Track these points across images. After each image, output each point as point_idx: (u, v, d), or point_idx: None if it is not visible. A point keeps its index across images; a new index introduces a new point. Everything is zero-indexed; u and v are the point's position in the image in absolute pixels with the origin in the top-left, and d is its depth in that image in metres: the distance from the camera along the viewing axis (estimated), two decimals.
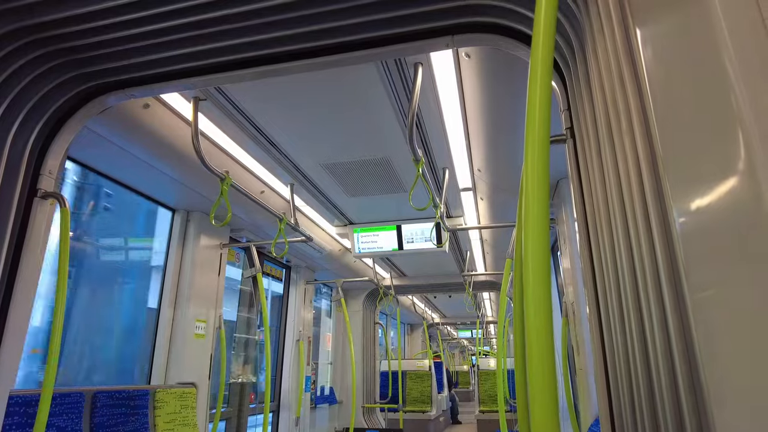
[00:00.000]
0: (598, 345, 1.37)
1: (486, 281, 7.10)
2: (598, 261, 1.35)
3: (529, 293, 0.64)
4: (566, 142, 1.60)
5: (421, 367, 8.69)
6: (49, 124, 2.17)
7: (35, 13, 1.81)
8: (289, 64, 2.04)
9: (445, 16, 1.81)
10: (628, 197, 1.06)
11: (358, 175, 3.75)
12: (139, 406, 3.00)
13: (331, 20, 1.83)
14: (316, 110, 2.81)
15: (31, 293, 2.04)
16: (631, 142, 1.03)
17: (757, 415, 0.61)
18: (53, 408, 2.45)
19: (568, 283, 3.26)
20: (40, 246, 2.08)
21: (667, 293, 0.91)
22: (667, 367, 0.91)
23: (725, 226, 0.66)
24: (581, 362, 3.00)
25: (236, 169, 3.33)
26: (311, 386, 5.96)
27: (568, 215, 3.32)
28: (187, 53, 2.02)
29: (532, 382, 0.60)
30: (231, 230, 4.26)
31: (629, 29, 1.03)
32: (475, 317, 12.17)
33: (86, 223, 3.46)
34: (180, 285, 3.75)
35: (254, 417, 5.02)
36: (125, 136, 2.64)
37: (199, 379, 3.65)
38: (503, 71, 2.28)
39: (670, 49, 0.81)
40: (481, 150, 3.20)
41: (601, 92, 1.20)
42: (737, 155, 0.62)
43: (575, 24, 1.47)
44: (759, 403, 0.61)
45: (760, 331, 0.60)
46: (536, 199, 0.67)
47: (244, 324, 5.29)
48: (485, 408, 8.86)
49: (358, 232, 4.99)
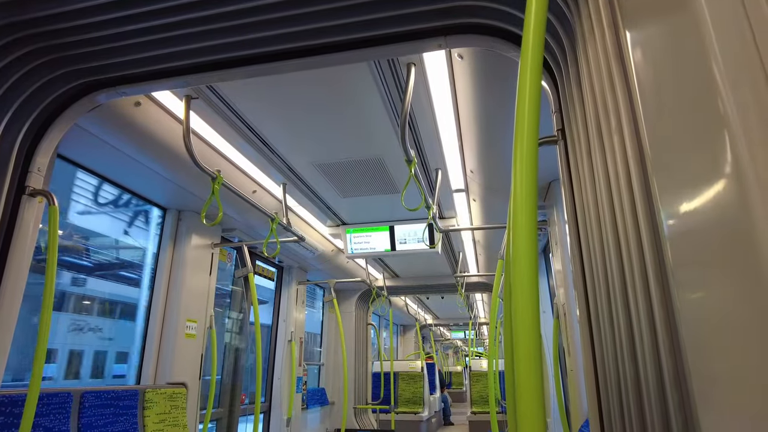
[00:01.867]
0: (588, 346, 1.38)
1: (478, 282, 7.12)
2: (588, 262, 1.36)
3: (516, 294, 0.65)
4: (557, 143, 1.61)
5: (413, 368, 8.69)
6: (39, 121, 2.15)
7: (26, 9, 1.79)
8: (281, 63, 2.03)
9: (438, 16, 1.81)
10: (618, 199, 1.07)
11: (351, 175, 3.75)
12: (128, 407, 2.97)
13: (324, 20, 1.83)
14: (308, 109, 2.81)
15: (19, 292, 2.02)
16: (621, 144, 1.03)
17: (741, 415, 0.62)
18: (40, 408, 2.43)
19: (559, 284, 3.27)
20: (27, 244, 2.06)
21: (655, 294, 0.91)
22: (654, 367, 0.92)
23: (713, 228, 0.67)
24: (572, 363, 3.02)
25: (228, 168, 3.32)
26: (302, 387, 5.94)
27: (560, 217, 3.34)
28: (179, 51, 2.01)
29: (519, 381, 0.61)
30: (222, 230, 4.24)
31: (619, 31, 1.03)
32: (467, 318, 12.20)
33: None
34: (171, 284, 3.73)
35: (245, 417, 4.99)
36: (116, 134, 2.62)
37: (189, 379, 3.62)
38: (496, 72, 2.28)
39: (660, 51, 0.82)
40: (474, 151, 3.21)
41: (592, 94, 1.21)
42: (724, 158, 0.63)
43: (566, 26, 1.48)
44: (744, 404, 0.61)
45: (745, 332, 0.60)
46: (524, 200, 0.68)
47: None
48: (477, 409, 8.88)
49: (351, 232, 4.98)
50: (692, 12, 0.67)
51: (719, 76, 0.63)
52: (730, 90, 0.62)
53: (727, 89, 0.62)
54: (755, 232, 0.57)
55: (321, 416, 6.71)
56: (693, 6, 0.67)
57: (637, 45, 0.92)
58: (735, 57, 0.61)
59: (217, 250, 4.09)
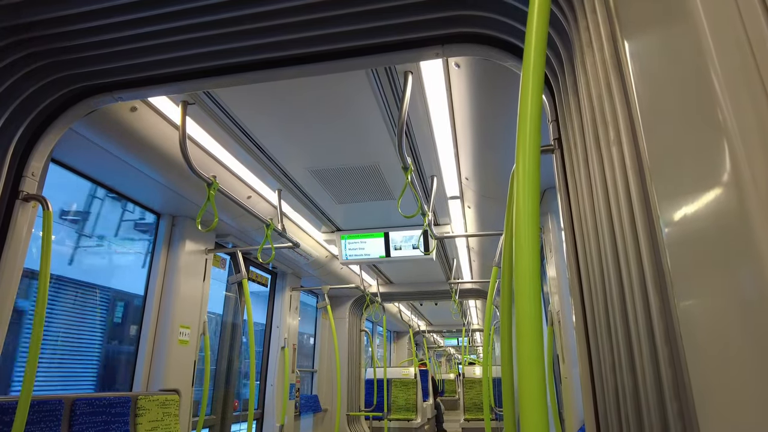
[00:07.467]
0: (585, 353, 1.38)
1: (472, 289, 7.13)
2: (585, 270, 1.37)
3: (519, 301, 0.65)
4: (554, 152, 1.62)
5: (406, 375, 8.66)
6: (34, 126, 2.14)
7: (21, 13, 1.78)
8: (279, 70, 2.04)
9: (435, 26, 1.82)
10: (616, 207, 1.08)
11: (347, 182, 3.75)
12: (120, 414, 2.94)
13: (321, 28, 1.83)
14: (305, 116, 2.81)
15: (10, 297, 1.99)
16: (619, 153, 1.04)
17: (742, 426, 0.62)
18: (31, 416, 2.39)
19: (554, 291, 3.28)
20: (20, 249, 2.04)
21: (654, 302, 0.92)
22: (653, 376, 0.92)
23: (711, 236, 0.67)
24: (566, 371, 3.02)
25: (223, 174, 3.31)
26: (295, 394, 5.90)
27: (555, 224, 3.35)
28: (176, 57, 2.01)
29: (522, 390, 0.61)
30: (217, 236, 4.22)
31: (618, 43, 1.04)
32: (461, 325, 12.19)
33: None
34: (164, 290, 3.70)
35: (237, 425, 4.95)
36: (111, 139, 2.61)
37: (182, 385, 3.59)
38: (492, 81, 2.30)
39: (658, 61, 0.83)
40: (469, 158, 3.22)
41: (589, 103, 1.22)
42: (723, 167, 0.63)
43: (564, 37, 1.49)
44: (743, 412, 0.61)
45: (744, 340, 0.61)
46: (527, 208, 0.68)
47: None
48: (470, 416, 8.86)
49: (346, 238, 4.97)
50: (691, 23, 0.69)
51: (718, 85, 0.64)
52: (729, 99, 0.62)
53: (726, 98, 0.63)
54: (754, 240, 0.57)
55: (314, 423, 6.66)
56: (691, 17, 0.68)
57: (636, 56, 0.94)
58: (733, 66, 0.62)
59: (211, 255, 4.07)
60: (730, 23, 0.64)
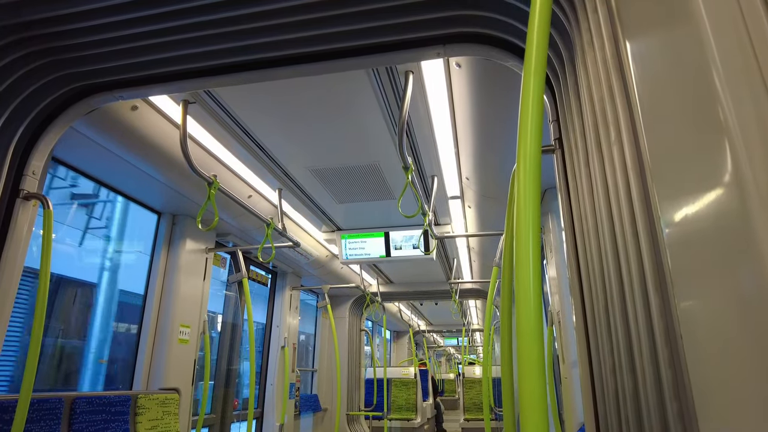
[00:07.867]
0: (585, 353, 1.38)
1: (472, 289, 7.13)
2: (585, 270, 1.37)
3: (519, 301, 0.65)
4: (554, 152, 1.62)
5: (406, 375, 8.66)
6: (34, 125, 2.14)
7: (22, 12, 1.78)
8: (279, 69, 2.03)
9: (436, 26, 1.82)
10: (616, 207, 1.07)
11: (347, 181, 3.75)
12: (120, 412, 2.94)
13: (322, 27, 1.83)
14: (306, 115, 2.81)
15: (11, 296, 2.00)
16: (620, 153, 1.04)
17: (741, 424, 0.62)
18: (30, 414, 2.39)
19: (554, 292, 3.28)
20: (21, 248, 2.04)
21: (654, 302, 0.92)
22: (653, 376, 0.92)
23: (712, 236, 0.67)
24: (566, 371, 3.02)
25: (224, 173, 3.31)
26: (295, 393, 5.90)
27: (555, 225, 3.35)
28: (177, 56, 2.01)
29: (522, 390, 0.61)
30: (217, 235, 4.22)
31: (619, 43, 1.04)
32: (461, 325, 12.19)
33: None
34: (164, 289, 3.70)
35: (237, 424, 4.95)
36: (112, 138, 2.61)
37: (182, 384, 3.59)
38: (493, 81, 2.30)
39: (660, 62, 0.83)
40: (470, 158, 3.22)
41: (590, 104, 1.22)
42: (724, 167, 0.63)
43: (565, 37, 1.49)
44: (744, 413, 0.61)
45: (745, 340, 0.61)
46: (528, 208, 0.68)
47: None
48: (470, 416, 8.86)
49: (346, 238, 4.97)
50: (693, 23, 0.68)
51: (720, 86, 0.64)
52: (731, 99, 0.62)
53: (728, 99, 0.63)
54: (755, 241, 0.57)
55: (313, 422, 6.67)
56: (694, 17, 0.68)
57: (637, 56, 0.94)
58: (735, 67, 0.62)
59: (211, 254, 4.07)
60: (733, 24, 0.64)
